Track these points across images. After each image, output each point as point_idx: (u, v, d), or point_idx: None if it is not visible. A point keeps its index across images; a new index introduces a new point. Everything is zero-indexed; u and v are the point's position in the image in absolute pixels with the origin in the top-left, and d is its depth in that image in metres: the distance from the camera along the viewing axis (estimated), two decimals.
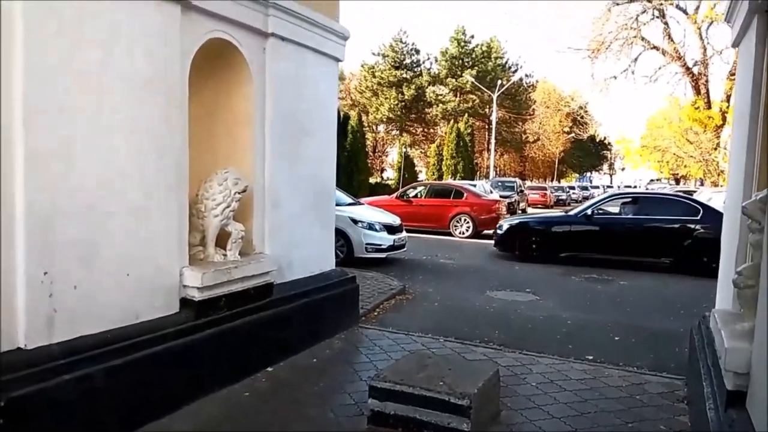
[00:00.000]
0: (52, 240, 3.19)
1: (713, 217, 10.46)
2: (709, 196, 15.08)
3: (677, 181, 51.86)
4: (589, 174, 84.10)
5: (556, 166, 63.60)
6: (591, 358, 5.57)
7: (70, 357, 3.20)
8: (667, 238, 11.35)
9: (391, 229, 11.19)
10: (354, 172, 28.43)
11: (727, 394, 2.94)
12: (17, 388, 2.91)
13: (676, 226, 11.29)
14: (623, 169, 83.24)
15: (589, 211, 12.10)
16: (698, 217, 11.24)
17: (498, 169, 52.82)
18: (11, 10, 2.97)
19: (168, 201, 3.97)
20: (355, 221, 10.77)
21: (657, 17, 28.05)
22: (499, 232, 13.01)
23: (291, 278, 5.30)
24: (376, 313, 7.04)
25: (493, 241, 13.49)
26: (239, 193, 4.52)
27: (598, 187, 65.69)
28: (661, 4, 26.94)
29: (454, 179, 31.62)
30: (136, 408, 3.59)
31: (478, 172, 45.77)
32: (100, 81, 3.44)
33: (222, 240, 4.61)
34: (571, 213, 12.73)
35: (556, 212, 17.86)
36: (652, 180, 58.83)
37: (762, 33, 3.66)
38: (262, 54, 4.94)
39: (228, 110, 4.90)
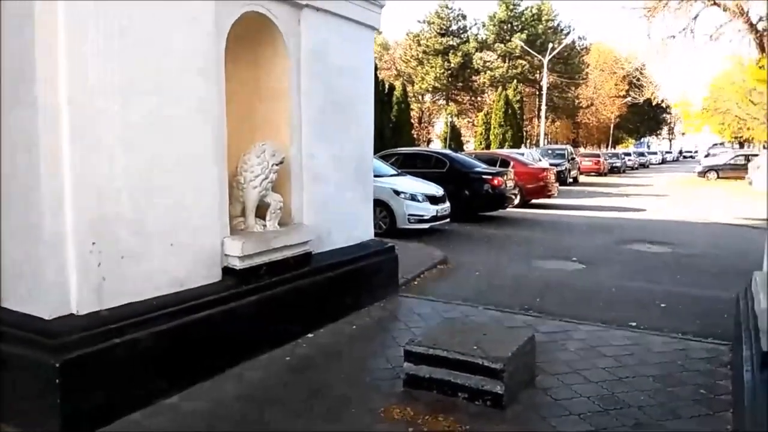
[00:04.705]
0: (101, 212, 3.39)
1: (457, 168, 13.44)
2: None
3: (741, 145, 49.37)
4: (646, 139, 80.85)
5: (611, 132, 61.42)
6: (634, 324, 5.49)
7: (120, 322, 3.41)
8: None
9: (433, 200, 11.17)
10: (399, 143, 28.31)
11: (762, 355, 2.88)
12: (71, 351, 3.15)
13: (431, 176, 12.55)
14: (683, 134, 79.76)
15: None
16: (444, 170, 13.33)
17: (549, 137, 51.38)
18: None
19: (209, 174, 4.13)
20: (397, 192, 10.81)
21: None
22: None
23: (330, 248, 5.41)
24: (416, 283, 7.10)
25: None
26: (276, 164, 4.63)
27: (655, 153, 63.20)
28: None
29: (502, 148, 31.07)
30: (182, 370, 3.79)
31: (527, 141, 44.78)
32: (141, 63, 3.59)
33: (262, 211, 4.75)
34: None
35: None
36: (714, 144, 56.17)
37: None
38: (297, 26, 4.98)
39: (264, 84, 4.98)
